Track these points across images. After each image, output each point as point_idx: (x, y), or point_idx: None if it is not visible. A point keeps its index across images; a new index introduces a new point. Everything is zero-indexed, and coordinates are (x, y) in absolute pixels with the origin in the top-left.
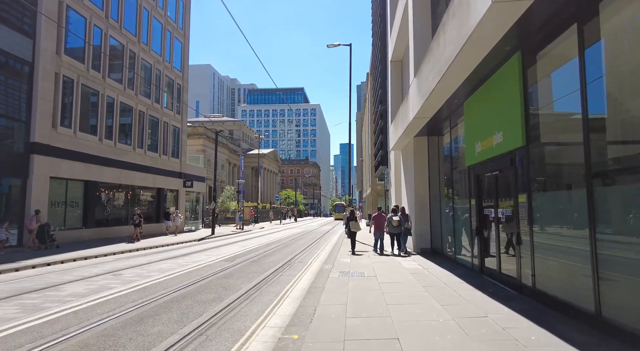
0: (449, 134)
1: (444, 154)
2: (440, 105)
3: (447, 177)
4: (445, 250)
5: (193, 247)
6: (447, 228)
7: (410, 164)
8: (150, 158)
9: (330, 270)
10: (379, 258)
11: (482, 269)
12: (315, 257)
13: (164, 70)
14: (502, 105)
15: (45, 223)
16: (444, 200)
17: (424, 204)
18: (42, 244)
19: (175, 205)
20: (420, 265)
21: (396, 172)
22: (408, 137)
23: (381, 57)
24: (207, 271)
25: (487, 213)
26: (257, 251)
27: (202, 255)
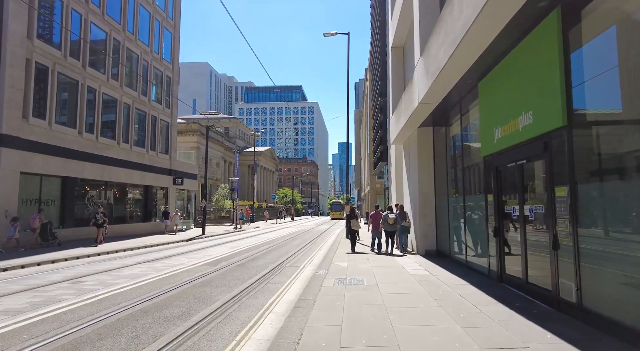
0: (458, 123)
1: (453, 146)
2: (451, 87)
3: (457, 171)
4: (453, 252)
5: (178, 248)
6: (456, 229)
7: (414, 158)
8: (137, 153)
9: (325, 277)
10: (380, 262)
11: (501, 277)
12: (309, 260)
13: (152, 62)
14: (533, 78)
15: (48, 221)
16: (452, 197)
17: (428, 202)
18: (44, 242)
19: (165, 204)
20: (427, 271)
21: (397, 168)
22: (411, 127)
23: (381, 48)
24: (183, 277)
25: (508, 211)
26: (246, 253)
27: (184, 258)
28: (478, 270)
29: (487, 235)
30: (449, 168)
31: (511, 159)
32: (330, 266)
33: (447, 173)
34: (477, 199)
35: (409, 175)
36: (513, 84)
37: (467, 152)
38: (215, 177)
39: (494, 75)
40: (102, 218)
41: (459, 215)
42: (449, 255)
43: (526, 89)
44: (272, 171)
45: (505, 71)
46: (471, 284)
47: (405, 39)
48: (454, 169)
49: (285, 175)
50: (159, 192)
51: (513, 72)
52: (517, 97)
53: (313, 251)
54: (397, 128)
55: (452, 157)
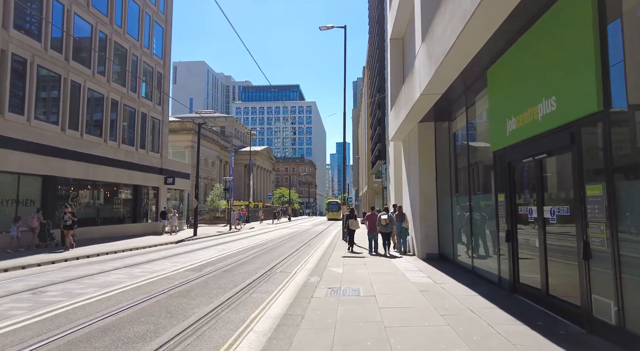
0: (463, 116)
1: (457, 142)
2: (456, 75)
3: (461, 169)
4: (457, 257)
5: (165, 251)
6: (460, 231)
7: (414, 156)
8: (126, 152)
9: (317, 285)
10: (379, 267)
11: (514, 286)
12: (302, 265)
13: (142, 57)
14: (558, 57)
15: (46, 221)
16: (456, 197)
17: (430, 202)
18: (42, 242)
19: (156, 204)
20: (430, 278)
21: (396, 166)
22: (412, 123)
23: (379, 42)
24: (161, 286)
25: (523, 212)
26: (235, 256)
27: (168, 262)
28: (487, 278)
29: (497, 239)
30: (453, 166)
31: (528, 153)
32: (324, 272)
33: (450, 172)
34: (485, 199)
35: (409, 174)
36: (531, 67)
37: (473, 147)
38: (210, 177)
39: (507, 59)
40: (71, 219)
41: (463, 217)
42: (453, 259)
43: (548, 71)
44: (269, 171)
45: (521, 52)
46: (481, 295)
47: (404, 30)
48: (458, 167)
49: (282, 174)
50: (151, 191)
51: (531, 53)
52: (536, 82)
53: (307, 254)
54: (397, 123)
55: (456, 154)
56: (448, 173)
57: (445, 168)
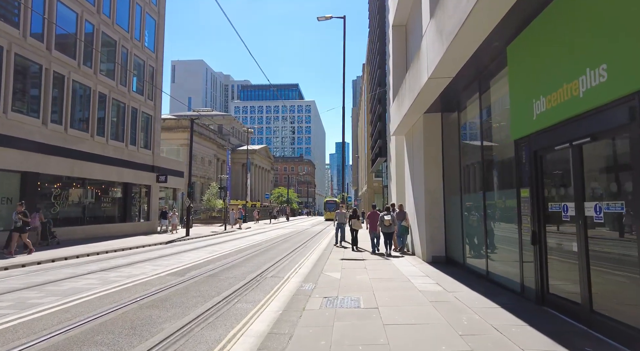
0: (476, 104)
1: (467, 134)
2: (471, 53)
3: (473, 163)
4: (467, 260)
5: (151, 252)
6: (471, 233)
7: (418, 151)
8: (115, 148)
9: (311, 294)
10: (381, 271)
11: (542, 297)
12: (296, 268)
13: (133, 49)
14: (610, 15)
15: (47, 220)
16: (466, 194)
17: (436, 201)
18: (43, 241)
19: (148, 203)
20: (439, 285)
21: (398, 163)
22: (416, 113)
23: (379, 34)
24: (134, 293)
25: (555, 210)
26: (225, 259)
27: (150, 265)
28: (505, 286)
29: (520, 242)
30: (463, 160)
31: (562, 139)
32: (320, 277)
33: (459, 167)
34: (503, 196)
35: (413, 171)
36: (568, 34)
37: (487, 138)
38: (207, 176)
39: (536, 29)
40: (22, 219)
41: (476, 216)
42: (462, 263)
43: (596, 34)
44: (268, 170)
45: (556, 18)
46: (503, 307)
47: (407, 15)
48: (469, 161)
49: (281, 174)
50: (142, 190)
51: (570, 17)
52: (575, 51)
53: (303, 256)
54: (399, 116)
55: (466, 147)
56: (457, 168)
57: (454, 163)
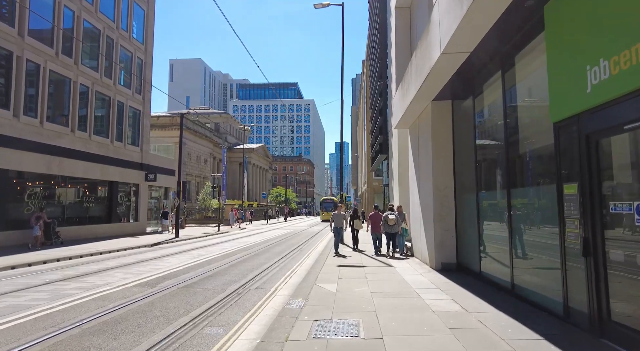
0: (497, 84)
1: (485, 122)
2: (495, 19)
3: (492, 156)
4: (484, 269)
5: (129, 256)
6: (491, 236)
7: (426, 144)
8: (98, 144)
9: (299, 314)
10: (384, 282)
11: (601, 327)
12: (286, 277)
13: (119, 40)
14: None
15: (52, 220)
16: (484, 192)
17: (446, 200)
18: (47, 240)
19: (136, 202)
20: (456, 303)
21: (400, 160)
22: (423, 100)
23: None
24: (85, 312)
25: (618, 211)
26: (209, 265)
27: (121, 272)
28: (540, 305)
29: (562, 251)
30: (479, 153)
31: (636, 115)
32: (313, 290)
33: (475, 161)
34: (536, 193)
35: (419, 167)
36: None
37: (512, 126)
38: (202, 175)
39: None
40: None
41: (497, 218)
42: (477, 272)
43: None
44: (265, 169)
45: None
46: (548, 340)
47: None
48: (487, 154)
49: (280, 173)
50: (130, 189)
51: None
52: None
53: (297, 262)
54: (403, 105)
55: (484, 138)
56: (471, 163)
57: (467, 157)
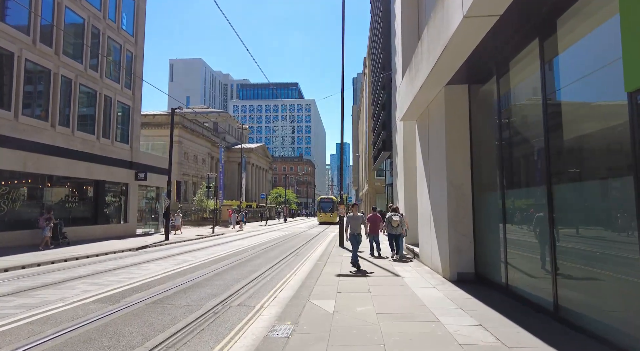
0: (531, 59)
1: (515, 106)
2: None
3: (527, 146)
4: (511, 282)
5: (107, 262)
6: (523, 244)
7: (438, 136)
8: (83, 140)
9: (284, 348)
10: (391, 299)
11: None
12: (276, 290)
13: (106, 31)
14: None
15: (58, 221)
16: (512, 190)
17: (463, 199)
18: (54, 241)
19: (125, 202)
20: (486, 330)
21: (406, 156)
22: (436, 85)
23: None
24: (13, 341)
25: None
26: (191, 273)
27: (87, 283)
28: (609, 340)
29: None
30: (504, 144)
31: None
32: (305, 309)
33: (499, 154)
34: (593, 189)
35: (429, 162)
36: None
37: (554, 106)
38: (200, 175)
39: None
40: None
41: (531, 220)
42: (503, 285)
43: None
44: (265, 169)
45: None
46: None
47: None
48: (519, 144)
49: (280, 174)
50: (119, 188)
51: None
52: None
53: (291, 269)
54: (412, 92)
55: (514, 125)
56: (494, 156)
57: (488, 149)
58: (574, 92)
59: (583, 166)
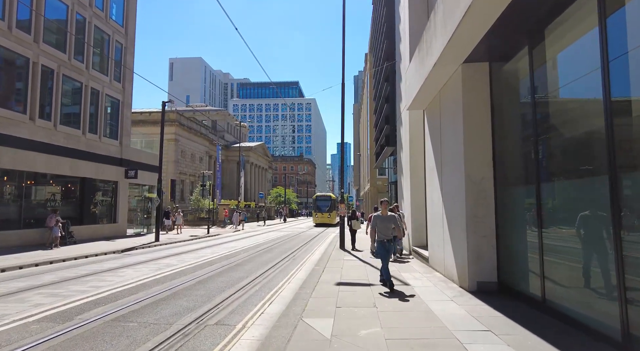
0: (586, 14)
1: (552, 82)
2: None
3: (574, 130)
4: (551, 297)
5: (82, 267)
6: (570, 252)
7: (452, 124)
8: (66, 135)
9: None
10: (404, 318)
11: None
12: (264, 304)
13: (93, 19)
14: None
15: (66, 221)
16: (551, 182)
17: (483, 195)
18: (61, 240)
19: (115, 201)
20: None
21: (412, 151)
22: (451, 63)
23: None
24: None
25: None
26: (171, 280)
27: (41, 294)
28: None
29: None
30: (540, 128)
31: None
32: (295, 332)
33: (534, 141)
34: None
35: (441, 154)
36: None
37: (620, 76)
38: (197, 174)
39: None
40: None
41: (587, 223)
42: (538, 299)
43: None
44: (265, 169)
45: None
46: None
47: None
48: (560, 127)
49: (280, 173)
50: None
51: None
52: None
53: (285, 276)
54: (422, 73)
55: (555, 106)
56: (523, 145)
57: (516, 137)
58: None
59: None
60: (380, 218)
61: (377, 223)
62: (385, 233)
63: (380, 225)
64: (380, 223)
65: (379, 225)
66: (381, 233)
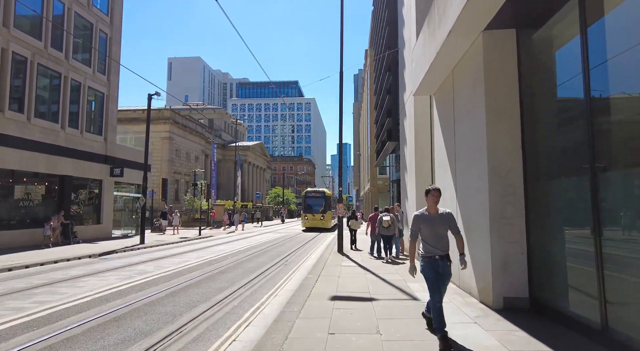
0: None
1: (614, 46)
2: None
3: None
4: (615, 325)
5: (44, 274)
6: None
7: (470, 107)
8: (42, 129)
9: None
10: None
11: None
12: (240, 325)
13: (73, 5)
14: None
15: (69, 221)
16: (616, 171)
17: (511, 191)
18: (65, 240)
19: (99, 201)
20: None
21: (418, 144)
22: (469, 32)
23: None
24: None
25: None
26: (136, 292)
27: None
28: None
29: None
30: (595, 104)
31: None
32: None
33: (588, 121)
34: None
35: (456, 145)
36: None
37: None
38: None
39: None
40: None
41: None
42: (595, 324)
43: None
44: (263, 168)
45: None
46: None
47: None
48: (624, 104)
49: (279, 173)
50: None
51: None
52: None
53: (274, 285)
54: (433, 47)
55: (610, 76)
56: (568, 126)
57: (553, 119)
58: None
59: None
60: (425, 218)
61: (422, 227)
62: (437, 245)
63: (427, 231)
64: (426, 227)
65: (425, 230)
66: (429, 245)
